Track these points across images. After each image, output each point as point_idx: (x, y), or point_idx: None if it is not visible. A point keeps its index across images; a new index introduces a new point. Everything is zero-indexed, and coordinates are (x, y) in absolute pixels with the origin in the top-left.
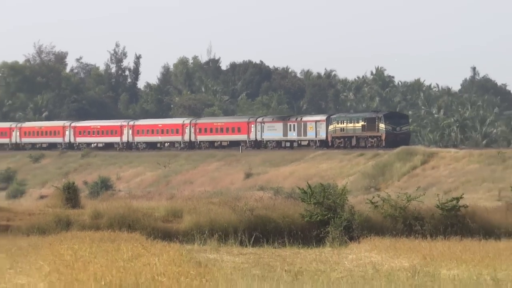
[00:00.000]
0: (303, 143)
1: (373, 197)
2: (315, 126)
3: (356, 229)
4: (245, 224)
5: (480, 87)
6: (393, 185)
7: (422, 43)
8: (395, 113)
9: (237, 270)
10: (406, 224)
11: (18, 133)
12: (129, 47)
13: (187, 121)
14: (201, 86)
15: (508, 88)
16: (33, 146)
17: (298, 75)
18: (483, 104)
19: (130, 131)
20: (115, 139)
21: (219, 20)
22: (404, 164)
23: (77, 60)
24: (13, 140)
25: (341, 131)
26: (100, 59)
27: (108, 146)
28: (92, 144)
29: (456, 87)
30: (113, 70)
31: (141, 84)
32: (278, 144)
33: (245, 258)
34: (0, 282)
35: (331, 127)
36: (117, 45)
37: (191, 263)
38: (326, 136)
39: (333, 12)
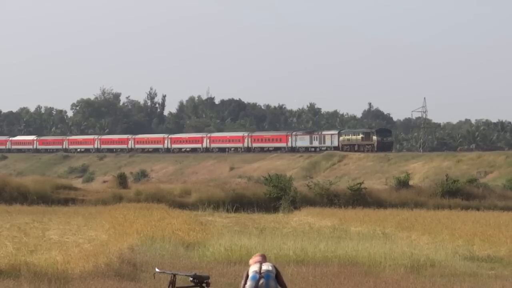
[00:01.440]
0: (322, 148)
1: (308, 182)
2: (331, 137)
3: (298, 202)
4: (230, 198)
5: (373, 115)
6: (321, 175)
7: (340, 86)
8: (383, 129)
9: (224, 227)
10: (329, 199)
11: (133, 142)
12: (158, 90)
13: (245, 133)
14: (203, 114)
15: (391, 115)
16: (143, 150)
17: (262, 107)
18: (375, 125)
19: (208, 140)
20: (197, 145)
21: (214, 73)
22: (327, 162)
23: (127, 97)
24: (129, 146)
25: (348, 140)
26: (141, 97)
27: (193, 150)
28: (182, 149)
29: (358, 115)
30: (149, 104)
31: (166, 112)
32: (306, 149)
33: (230, 220)
34: (79, 234)
35: (341, 138)
36: (151, 89)
37: (197, 223)
38: (338, 144)
39: (282, 65)
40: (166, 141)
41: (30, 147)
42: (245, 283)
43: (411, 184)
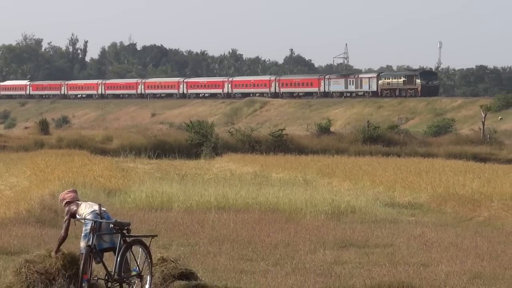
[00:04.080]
0: (359, 93)
1: (230, 129)
2: (369, 81)
3: (219, 148)
4: (151, 145)
5: (295, 61)
6: (242, 121)
7: (261, 32)
8: (428, 71)
9: (146, 174)
10: (250, 145)
11: (143, 86)
12: (80, 36)
13: (272, 77)
14: (125, 60)
15: (312, 62)
16: (154, 96)
17: (184, 53)
18: (297, 71)
19: (230, 85)
20: (218, 90)
21: (136, 17)
22: (249, 108)
23: (49, 43)
24: (138, 91)
25: (388, 84)
26: (63, 43)
27: (212, 96)
28: (200, 95)
29: (280, 61)
30: (70, 50)
31: (87, 58)
32: (340, 94)
33: (151, 166)
34: (0, 180)
35: (380, 82)
36: (73, 34)
37: (118, 169)
38: (377, 88)
39: (203, 11)
40: (181, 86)
41: (23, 92)
42: (68, 222)
43: (333, 131)
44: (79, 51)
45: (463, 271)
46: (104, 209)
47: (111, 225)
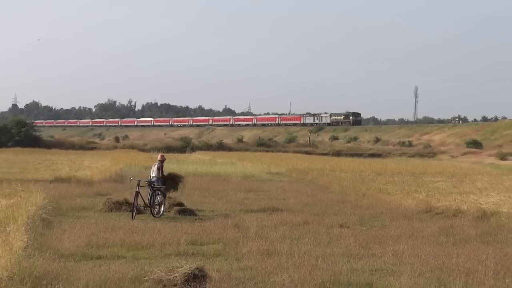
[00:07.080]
0: (320, 124)
1: (199, 140)
2: (325, 117)
3: (194, 149)
4: (164, 147)
5: (227, 110)
6: (205, 137)
7: (213, 95)
8: (356, 113)
9: None
10: (208, 147)
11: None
12: (133, 98)
13: (277, 115)
14: (152, 110)
15: (234, 110)
16: (239, 125)
17: (178, 107)
18: (228, 115)
19: (255, 120)
20: (249, 122)
21: (159, 88)
22: (208, 131)
23: (119, 103)
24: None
25: (335, 119)
26: (125, 101)
27: (246, 125)
28: (240, 124)
29: (221, 110)
30: (128, 105)
31: (136, 109)
32: (311, 124)
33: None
34: (98, 163)
35: (332, 118)
36: (130, 98)
37: (149, 158)
38: (330, 121)
39: (189, 86)
40: (230, 120)
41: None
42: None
43: (244, 140)
44: (132, 106)
45: (301, 202)
46: (156, 175)
47: (146, 182)
